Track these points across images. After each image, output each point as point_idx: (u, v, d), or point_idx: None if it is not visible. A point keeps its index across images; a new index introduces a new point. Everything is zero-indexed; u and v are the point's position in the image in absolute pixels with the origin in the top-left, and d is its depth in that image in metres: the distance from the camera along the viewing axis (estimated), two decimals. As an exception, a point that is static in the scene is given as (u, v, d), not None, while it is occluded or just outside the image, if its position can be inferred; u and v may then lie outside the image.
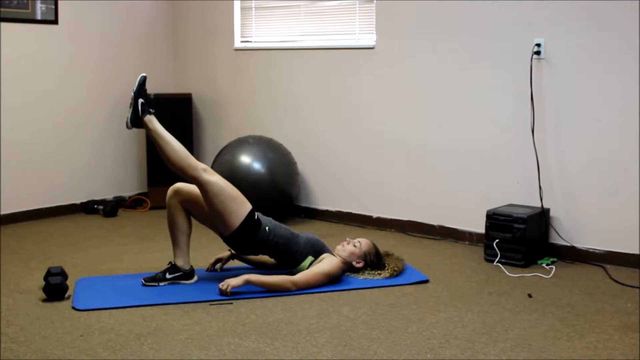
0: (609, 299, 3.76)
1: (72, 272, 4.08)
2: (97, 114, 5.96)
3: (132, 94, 3.82)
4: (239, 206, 3.85)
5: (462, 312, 3.54)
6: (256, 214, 3.91)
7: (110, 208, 5.73)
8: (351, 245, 4.06)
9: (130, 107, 3.83)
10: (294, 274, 3.89)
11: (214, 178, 3.82)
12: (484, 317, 3.47)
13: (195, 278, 4.01)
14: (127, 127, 3.87)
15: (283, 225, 4.02)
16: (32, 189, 5.60)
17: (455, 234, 4.97)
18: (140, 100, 3.81)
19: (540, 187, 4.55)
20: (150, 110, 3.84)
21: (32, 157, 5.58)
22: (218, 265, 4.20)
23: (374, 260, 4.07)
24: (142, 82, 3.85)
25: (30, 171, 5.58)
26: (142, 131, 5.90)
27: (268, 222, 3.95)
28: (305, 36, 5.70)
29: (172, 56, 6.47)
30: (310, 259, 3.95)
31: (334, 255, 4.02)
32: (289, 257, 3.94)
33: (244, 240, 3.89)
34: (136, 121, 3.83)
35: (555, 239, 4.55)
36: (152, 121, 3.83)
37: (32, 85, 5.55)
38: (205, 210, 3.90)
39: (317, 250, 3.99)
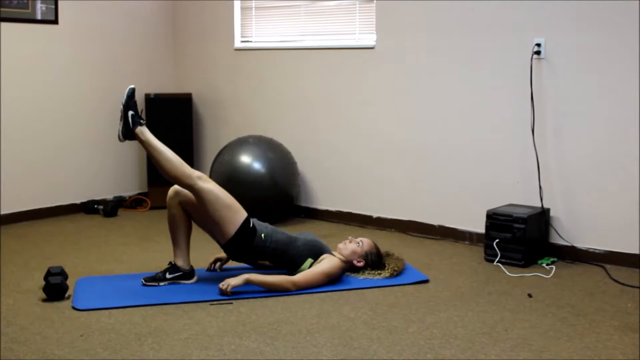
0: (609, 299, 3.76)
1: (72, 272, 4.07)
2: (97, 114, 5.96)
3: (122, 106, 3.79)
4: (234, 214, 3.84)
5: (462, 312, 3.54)
6: (252, 221, 3.91)
7: (110, 208, 5.73)
8: (353, 244, 4.06)
9: (120, 120, 3.80)
10: (293, 274, 3.90)
11: (209, 186, 3.81)
12: (484, 317, 3.47)
13: (195, 278, 4.01)
14: (120, 140, 3.83)
15: (280, 230, 4.01)
16: (32, 189, 5.59)
17: (455, 234, 4.97)
18: (130, 112, 3.78)
19: (540, 187, 4.55)
20: (141, 121, 3.81)
21: (32, 157, 5.58)
22: (217, 265, 4.20)
23: (375, 261, 4.08)
24: (131, 94, 3.81)
25: (30, 171, 5.58)
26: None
27: (264, 229, 3.94)
28: (305, 36, 5.69)
29: (172, 56, 6.47)
30: (309, 261, 3.95)
31: (333, 255, 4.02)
32: (288, 261, 3.94)
33: (241, 249, 3.89)
34: (128, 133, 3.79)
35: (555, 239, 4.55)
36: (144, 132, 3.80)
37: (32, 86, 5.55)
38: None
39: (317, 252, 3.98)
